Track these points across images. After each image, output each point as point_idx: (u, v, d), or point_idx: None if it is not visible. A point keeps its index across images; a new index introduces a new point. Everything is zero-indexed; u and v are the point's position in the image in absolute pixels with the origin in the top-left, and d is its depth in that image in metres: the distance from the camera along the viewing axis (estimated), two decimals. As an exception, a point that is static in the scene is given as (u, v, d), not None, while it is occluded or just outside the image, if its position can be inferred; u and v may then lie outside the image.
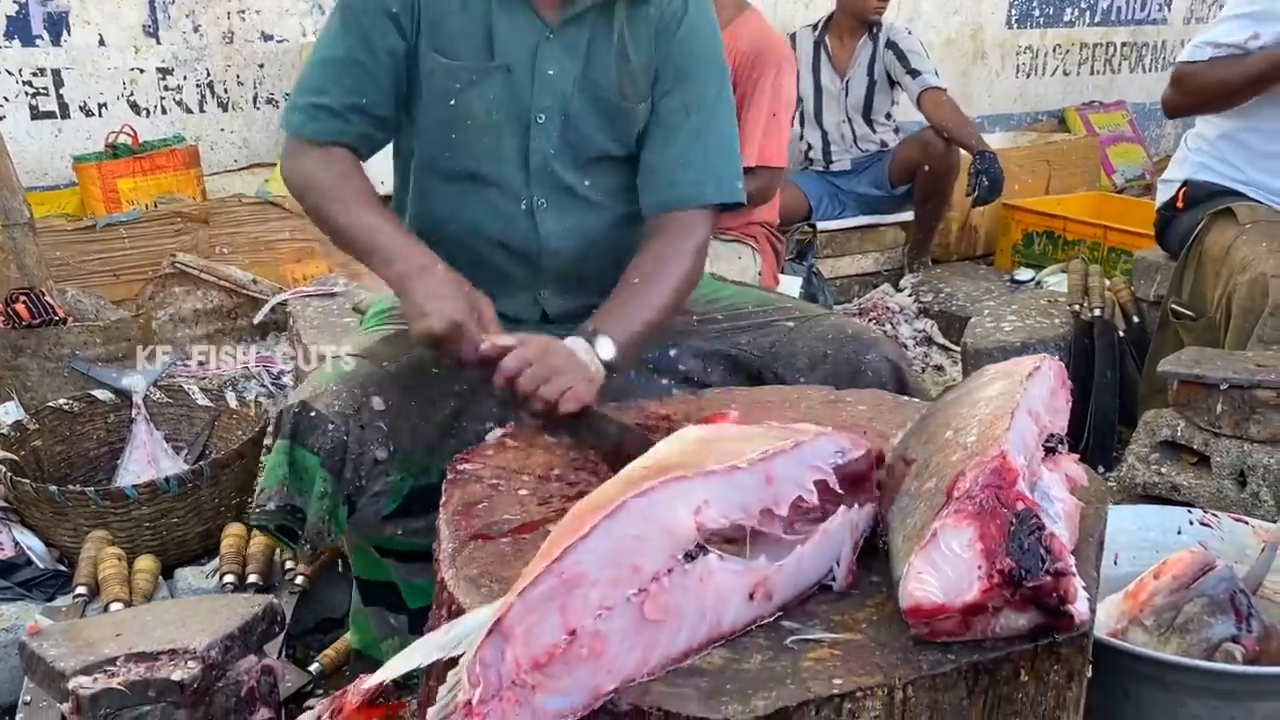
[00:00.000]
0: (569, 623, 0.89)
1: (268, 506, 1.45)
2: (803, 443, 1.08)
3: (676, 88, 1.65)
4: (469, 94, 1.62)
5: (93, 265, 3.32)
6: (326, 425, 1.45)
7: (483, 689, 0.85)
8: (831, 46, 4.26)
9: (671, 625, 0.95)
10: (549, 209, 1.67)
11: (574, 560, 0.89)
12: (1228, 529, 1.81)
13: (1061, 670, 1.04)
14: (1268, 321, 2.25)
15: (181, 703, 1.21)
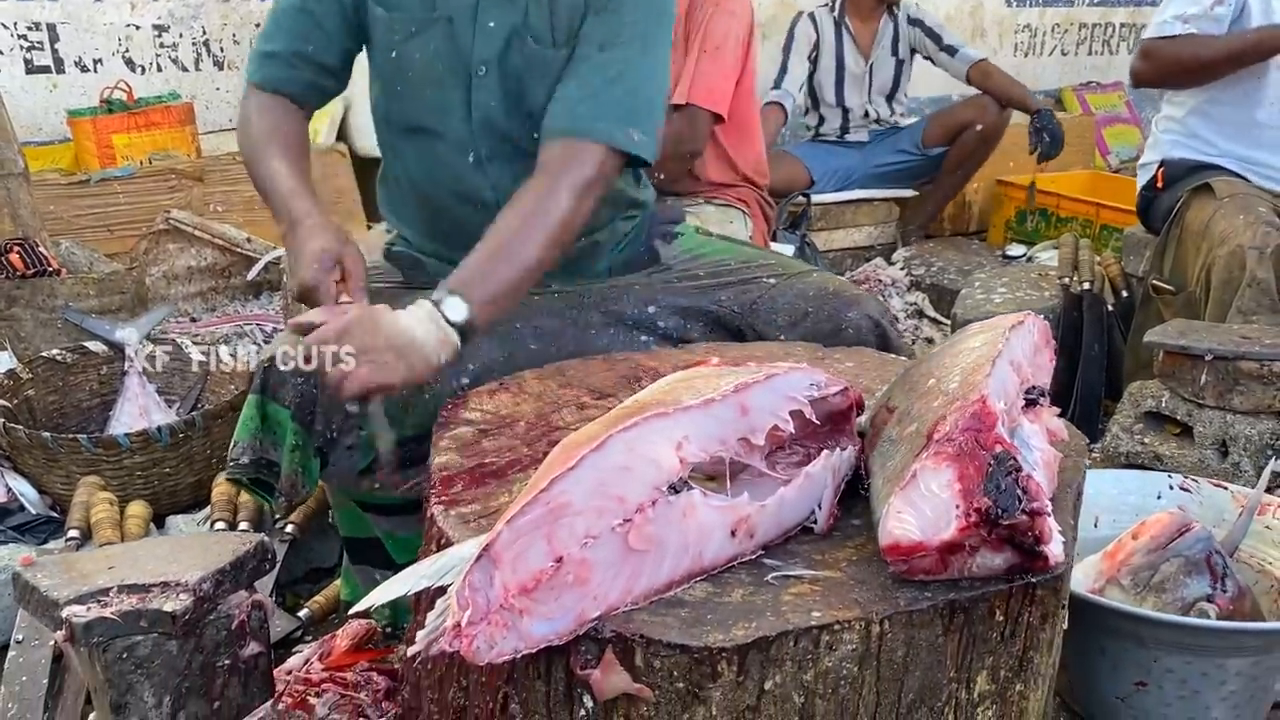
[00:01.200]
0: (556, 550, 0.91)
1: (241, 460, 1.47)
2: (775, 374, 1.10)
3: (596, 22, 1.58)
4: (410, 45, 1.62)
5: (86, 220, 3.31)
6: (295, 378, 1.47)
7: (471, 611, 0.88)
8: (853, 27, 4.25)
9: (655, 556, 0.97)
10: (496, 161, 1.66)
11: (561, 490, 0.92)
12: (1207, 494, 1.84)
13: (1036, 612, 1.06)
14: (1245, 293, 2.28)
15: (173, 633, 1.22)
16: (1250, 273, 2.28)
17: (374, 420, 1.39)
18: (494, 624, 0.89)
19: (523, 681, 1.02)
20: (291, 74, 1.65)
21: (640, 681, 0.95)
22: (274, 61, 1.65)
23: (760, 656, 0.95)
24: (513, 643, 0.90)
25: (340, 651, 1.66)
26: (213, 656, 1.28)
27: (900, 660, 1.00)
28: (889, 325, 1.68)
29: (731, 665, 0.94)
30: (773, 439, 1.11)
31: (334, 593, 1.88)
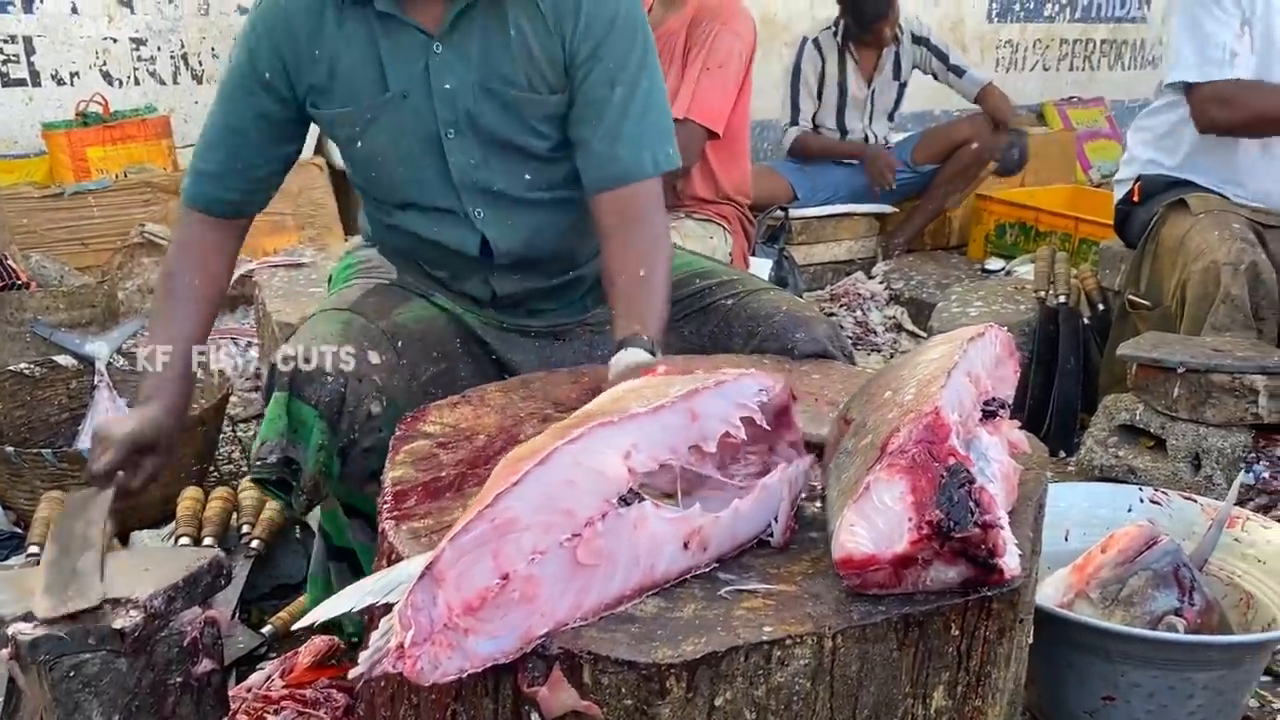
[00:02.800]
0: (501, 567, 0.90)
1: (269, 459, 1.44)
2: (725, 380, 1.09)
3: (596, 64, 1.58)
4: (372, 130, 1.60)
5: (60, 233, 3.30)
6: (325, 377, 1.45)
7: (414, 632, 0.87)
8: (857, 53, 4.27)
9: (605, 570, 0.96)
10: (488, 217, 1.65)
11: (505, 506, 0.90)
12: (1177, 507, 1.84)
13: (993, 626, 1.05)
14: (1220, 308, 2.28)
15: (122, 651, 1.20)
16: (1224, 289, 2.28)
17: None
18: (438, 644, 0.88)
19: (471, 699, 1.00)
20: (223, 193, 1.66)
21: (588, 699, 0.93)
22: (204, 180, 1.66)
23: (710, 672, 0.93)
24: (458, 663, 0.89)
25: (302, 668, 1.64)
26: (164, 674, 1.26)
27: (854, 675, 0.99)
28: (837, 349, 1.65)
29: (680, 682, 0.93)
30: (726, 447, 1.10)
31: (298, 609, 1.86)
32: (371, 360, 1.50)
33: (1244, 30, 2.47)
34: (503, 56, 1.57)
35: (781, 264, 3.44)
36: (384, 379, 1.50)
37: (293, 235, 3.59)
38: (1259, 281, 2.29)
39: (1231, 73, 2.49)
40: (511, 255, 1.68)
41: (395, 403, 1.51)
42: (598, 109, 1.59)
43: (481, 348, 1.69)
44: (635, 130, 1.60)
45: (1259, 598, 1.68)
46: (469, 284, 1.73)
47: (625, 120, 1.59)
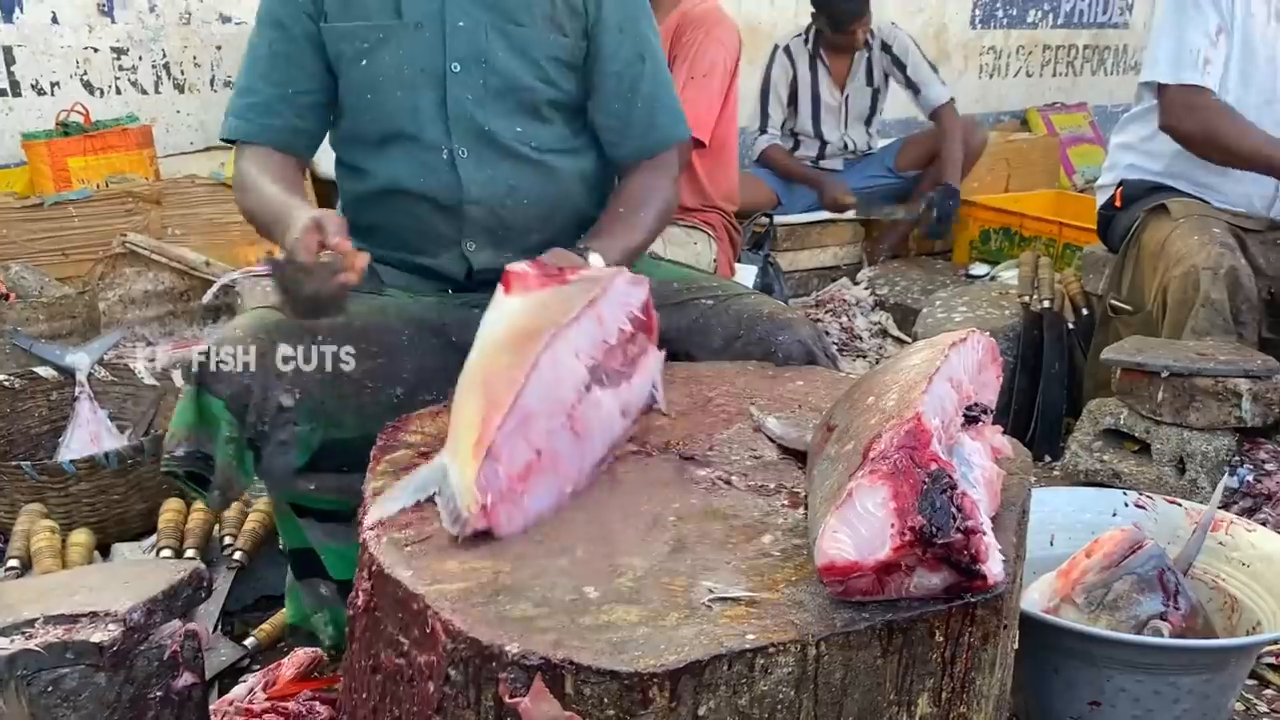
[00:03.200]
0: (533, 444, 1.14)
1: (176, 452, 1.47)
2: (611, 286, 1.33)
3: (626, 37, 1.69)
4: (379, 52, 1.64)
5: (41, 244, 3.26)
6: (230, 371, 1.47)
7: (491, 497, 1.09)
8: (828, 59, 4.24)
9: (591, 439, 1.23)
10: (470, 158, 1.67)
11: (524, 402, 1.14)
12: (1162, 511, 1.84)
13: (977, 632, 1.05)
14: (1199, 313, 2.29)
15: (101, 665, 1.19)
16: (1204, 293, 2.29)
17: None
18: (506, 504, 1.11)
19: (453, 711, 0.99)
20: (276, 122, 1.66)
21: (571, 709, 0.93)
22: (256, 112, 1.66)
23: (693, 681, 0.93)
24: (520, 519, 1.12)
25: (285, 680, 1.62)
26: (144, 688, 1.24)
27: (838, 683, 0.99)
28: (820, 351, 1.66)
29: (663, 691, 0.92)
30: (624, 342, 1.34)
31: (281, 620, 1.84)
32: (281, 353, 1.51)
33: (1219, 38, 2.49)
34: (520, 2, 1.64)
35: (767, 270, 3.44)
36: (295, 372, 1.51)
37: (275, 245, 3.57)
38: (1238, 286, 2.30)
39: (1202, 79, 2.51)
40: (484, 205, 1.68)
41: (311, 395, 1.52)
42: (633, 82, 1.71)
43: (438, 336, 1.66)
44: (669, 99, 1.77)
45: (1243, 601, 1.68)
46: (443, 258, 1.73)
47: (659, 90, 1.75)
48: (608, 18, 1.68)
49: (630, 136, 1.74)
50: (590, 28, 1.68)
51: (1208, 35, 2.50)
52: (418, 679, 1.03)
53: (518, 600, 1.00)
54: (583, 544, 1.11)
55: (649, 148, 1.76)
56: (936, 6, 5.84)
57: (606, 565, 1.07)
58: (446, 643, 0.98)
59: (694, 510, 1.18)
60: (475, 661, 0.96)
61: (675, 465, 1.29)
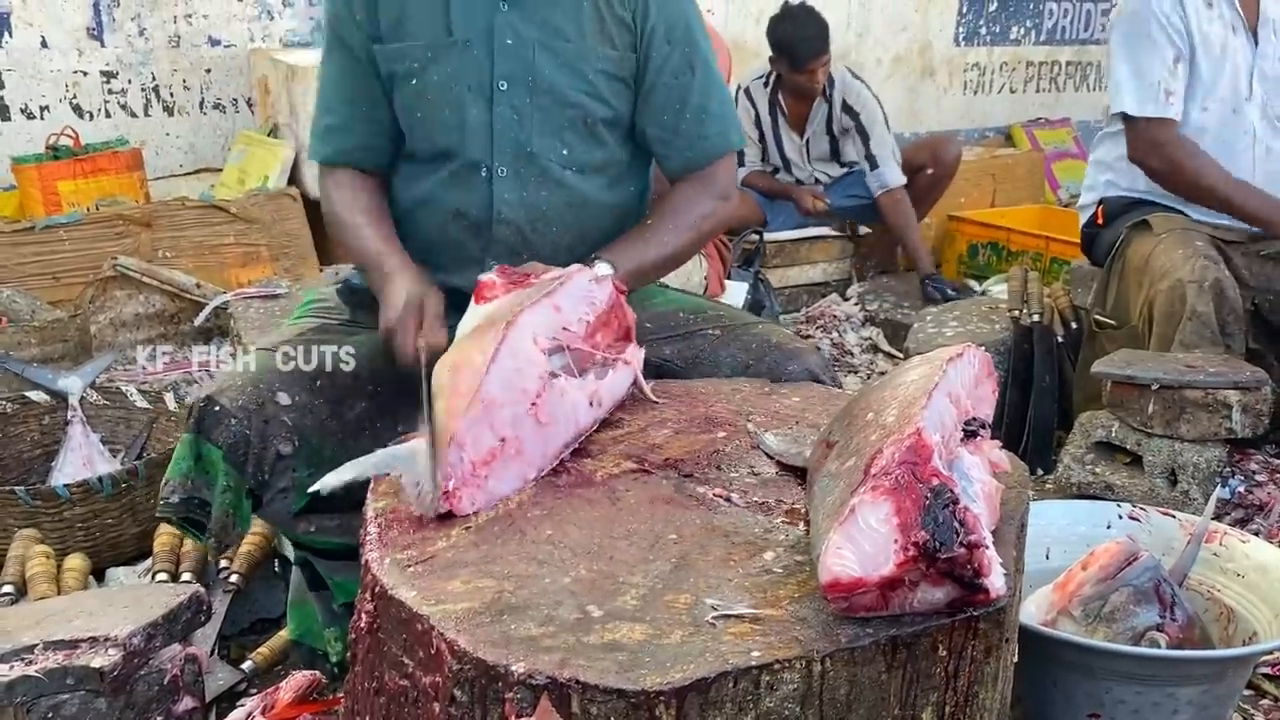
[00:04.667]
0: (498, 432, 1.23)
1: (171, 499, 1.48)
2: (569, 280, 1.41)
3: (676, 47, 1.70)
4: (428, 71, 1.66)
5: (31, 268, 3.26)
6: (229, 419, 1.47)
7: (454, 481, 1.19)
8: (786, 105, 4.23)
9: (555, 426, 1.31)
10: (507, 177, 1.69)
11: (487, 391, 1.23)
12: (1156, 523, 1.85)
13: (979, 645, 1.05)
14: (1186, 326, 2.31)
15: (101, 691, 1.19)
16: (1190, 306, 2.31)
17: None
18: (469, 487, 1.20)
19: (458, 731, 0.99)
20: (356, 141, 1.72)
21: (577, 728, 0.93)
22: (335, 134, 1.72)
23: (699, 699, 0.93)
24: (482, 500, 1.21)
25: (283, 704, 1.61)
26: (144, 713, 1.24)
27: (843, 699, 0.99)
28: (829, 380, 1.68)
29: (670, 709, 0.92)
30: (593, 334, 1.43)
31: (279, 643, 1.83)
32: (280, 401, 1.52)
33: (1177, 67, 2.56)
34: (567, 16, 1.66)
35: (758, 287, 3.45)
36: (295, 419, 1.53)
37: (267, 267, 3.57)
38: (1224, 298, 2.33)
39: (1165, 110, 2.59)
40: (512, 225, 1.70)
41: (309, 442, 1.53)
42: (681, 93, 1.72)
43: None
44: (719, 107, 1.76)
45: (1239, 611, 1.69)
46: (463, 275, 1.72)
47: (708, 99, 1.74)
48: (656, 28, 1.69)
49: (678, 148, 1.74)
50: (639, 40, 1.70)
51: (1167, 66, 2.58)
52: (423, 700, 1.03)
53: (522, 620, 1.00)
54: (585, 563, 1.11)
55: (697, 160, 1.75)
56: (920, 25, 5.89)
57: (609, 584, 1.07)
58: (452, 663, 0.98)
59: (695, 528, 1.19)
60: (481, 682, 0.96)
61: (675, 483, 1.30)
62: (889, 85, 5.70)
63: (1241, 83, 2.64)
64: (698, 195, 1.75)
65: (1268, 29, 2.66)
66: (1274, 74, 2.66)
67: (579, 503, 1.24)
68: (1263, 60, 2.65)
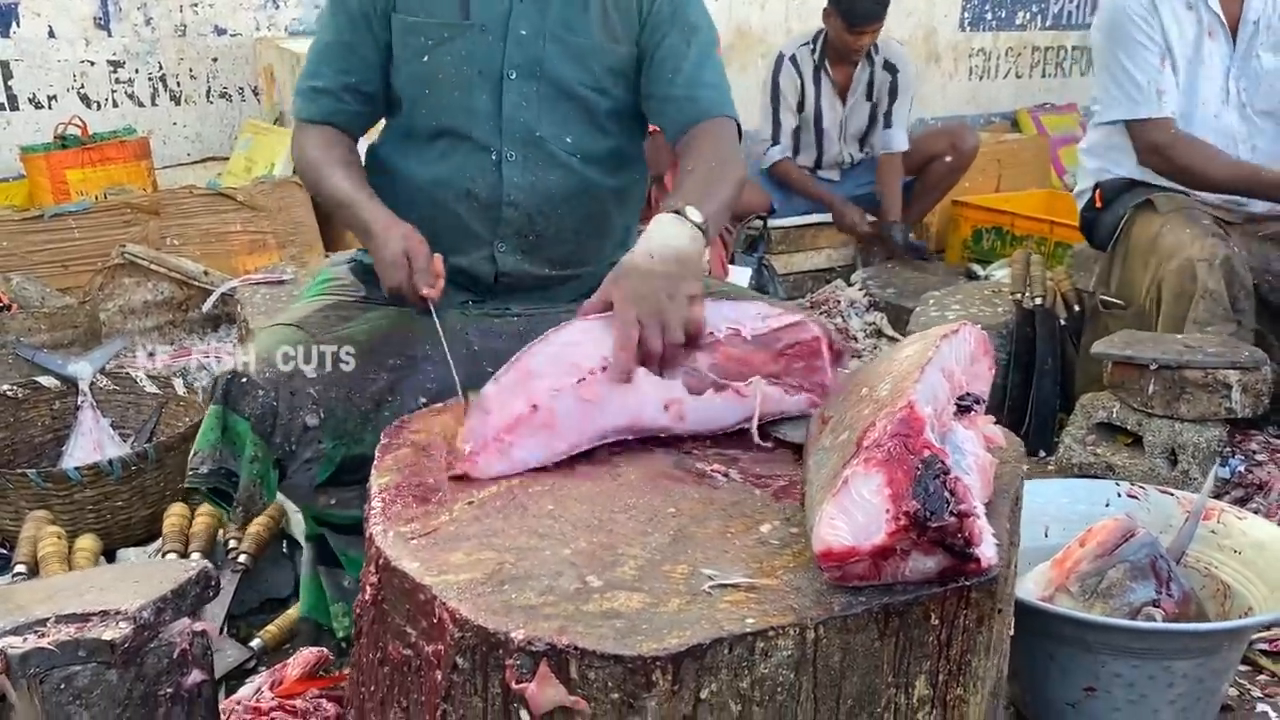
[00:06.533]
0: (530, 400, 1.26)
1: (200, 469, 1.48)
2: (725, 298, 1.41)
3: (672, 28, 1.74)
4: (442, 50, 1.70)
5: (41, 256, 3.29)
6: (257, 391, 1.49)
7: (474, 443, 1.24)
8: (832, 71, 4.23)
9: (602, 408, 1.29)
10: (517, 161, 1.72)
11: (528, 360, 1.28)
12: (1154, 500, 1.86)
13: (972, 614, 1.07)
14: (1199, 304, 2.32)
15: (112, 662, 1.21)
16: (1202, 284, 2.32)
17: None
18: (490, 452, 1.24)
19: (460, 699, 1.02)
20: (338, 106, 1.75)
21: (576, 694, 0.95)
22: (322, 96, 1.75)
23: (695, 665, 0.95)
24: (504, 465, 1.24)
25: (291, 680, 1.64)
26: (154, 686, 1.26)
27: (837, 666, 1.01)
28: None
29: (666, 674, 0.94)
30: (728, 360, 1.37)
31: (287, 622, 1.86)
32: (306, 374, 1.54)
33: (1164, 65, 2.58)
34: (580, 12, 1.71)
35: (761, 272, 3.47)
36: (319, 392, 1.55)
37: (274, 254, 3.60)
38: (1234, 274, 2.33)
39: (1161, 110, 2.61)
40: (521, 209, 1.73)
41: (334, 414, 1.56)
42: (676, 62, 1.73)
43: (464, 346, 1.69)
44: (714, 79, 1.76)
45: (1235, 587, 1.70)
46: (473, 257, 1.76)
47: (703, 70, 1.75)
48: (660, 11, 1.73)
49: (674, 111, 1.75)
50: (642, 28, 1.73)
51: (1154, 66, 2.60)
52: (425, 668, 1.05)
53: (522, 589, 1.03)
54: (585, 535, 1.13)
55: (692, 117, 1.74)
56: (925, 10, 5.88)
57: (609, 555, 1.09)
58: (453, 631, 1.00)
59: (693, 502, 1.21)
60: (482, 649, 0.98)
61: (674, 458, 1.32)
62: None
63: (1217, 84, 2.66)
64: (720, 142, 1.72)
65: (1249, 28, 2.66)
66: (1253, 71, 2.67)
67: (579, 478, 1.27)
68: (1241, 60, 2.66)
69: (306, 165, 1.76)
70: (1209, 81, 2.66)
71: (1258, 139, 2.70)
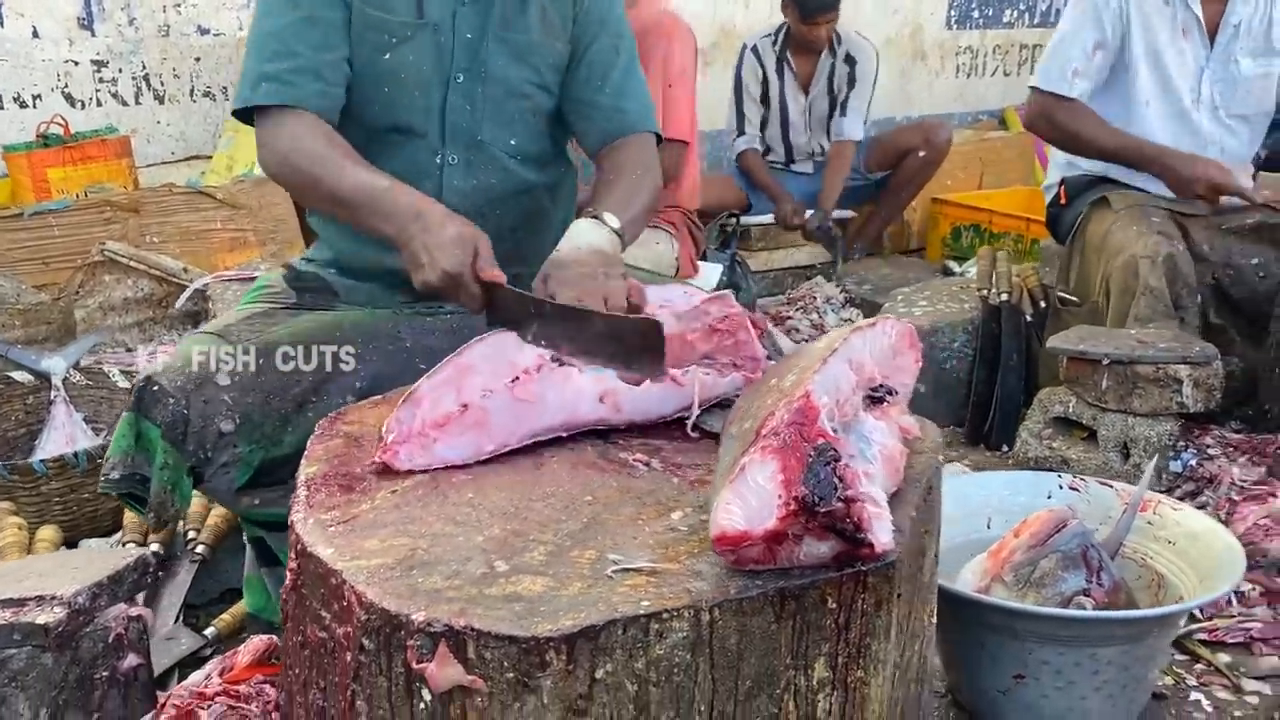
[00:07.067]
0: (461, 399, 1.28)
1: (111, 475, 1.51)
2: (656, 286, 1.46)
3: (602, 31, 1.78)
4: (403, 48, 1.70)
5: (21, 254, 3.32)
6: (168, 399, 1.51)
7: (396, 435, 1.26)
8: (794, 62, 4.29)
9: (537, 407, 1.31)
10: (458, 165, 1.75)
11: (466, 356, 1.31)
12: (1095, 492, 1.90)
13: (869, 599, 1.10)
14: (1140, 300, 2.36)
15: (47, 646, 1.25)
16: (1143, 281, 2.36)
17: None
18: (413, 445, 1.26)
19: (367, 679, 1.05)
20: (324, 87, 1.63)
21: (473, 673, 0.98)
22: (301, 77, 1.61)
23: (589, 645, 0.98)
24: (425, 459, 1.26)
25: (241, 667, 1.67)
26: (90, 669, 1.30)
27: (734, 648, 1.04)
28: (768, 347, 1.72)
29: (560, 654, 0.97)
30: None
31: (240, 611, 1.90)
32: (219, 381, 1.55)
33: (1095, 54, 2.62)
34: (519, 11, 1.73)
35: (734, 269, 3.49)
36: (235, 397, 1.55)
37: (254, 251, 3.63)
38: (1176, 272, 2.37)
39: (1070, 90, 2.68)
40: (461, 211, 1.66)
41: (250, 419, 1.56)
42: (604, 70, 1.78)
43: (393, 343, 1.72)
44: (638, 90, 1.82)
45: (1169, 578, 1.74)
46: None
47: (629, 80, 1.80)
48: (591, 12, 1.77)
49: (596, 121, 1.79)
50: (576, 19, 1.77)
51: (1084, 49, 2.67)
52: (338, 650, 1.08)
53: (430, 574, 1.06)
54: (500, 522, 1.16)
55: (614, 131, 1.78)
56: (912, 7, 5.90)
57: (519, 542, 1.12)
58: (360, 614, 1.03)
59: (610, 490, 1.24)
60: (385, 630, 1.01)
61: (599, 449, 1.35)
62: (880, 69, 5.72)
63: (1186, 84, 2.68)
64: (640, 155, 1.76)
65: (1229, 31, 2.68)
66: (1229, 76, 2.70)
67: (503, 467, 1.30)
68: (1217, 63, 2.69)
69: (307, 159, 1.59)
70: (1178, 79, 2.68)
71: (1228, 140, 2.73)
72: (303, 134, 1.61)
